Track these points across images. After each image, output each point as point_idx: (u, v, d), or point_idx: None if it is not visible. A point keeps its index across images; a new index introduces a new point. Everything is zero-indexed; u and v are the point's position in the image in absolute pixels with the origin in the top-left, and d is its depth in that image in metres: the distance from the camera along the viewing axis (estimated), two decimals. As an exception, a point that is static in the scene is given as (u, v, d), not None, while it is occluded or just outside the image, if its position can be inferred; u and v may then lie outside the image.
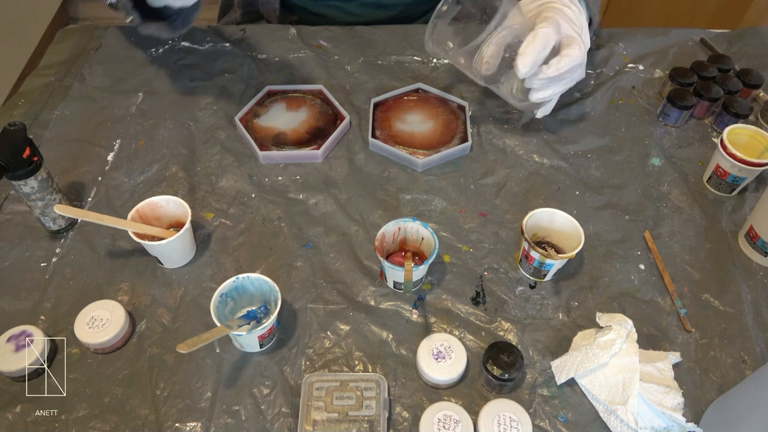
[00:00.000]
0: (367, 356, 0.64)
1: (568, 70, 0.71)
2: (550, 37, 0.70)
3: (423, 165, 0.81)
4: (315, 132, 0.84)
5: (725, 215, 0.77)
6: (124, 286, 0.69)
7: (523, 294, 0.70)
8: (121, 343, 0.64)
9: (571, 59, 0.71)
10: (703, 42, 1.01)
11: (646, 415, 0.58)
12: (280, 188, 0.80)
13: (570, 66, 0.71)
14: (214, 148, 0.84)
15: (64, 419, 0.59)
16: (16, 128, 0.65)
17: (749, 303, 0.69)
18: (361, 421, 0.57)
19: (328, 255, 0.73)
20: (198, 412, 0.60)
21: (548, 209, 0.70)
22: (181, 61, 0.96)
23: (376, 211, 0.77)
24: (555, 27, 0.71)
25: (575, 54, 0.71)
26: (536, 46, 0.69)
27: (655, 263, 0.72)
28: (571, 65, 0.71)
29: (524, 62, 0.69)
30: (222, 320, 0.61)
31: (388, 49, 0.98)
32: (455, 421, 0.57)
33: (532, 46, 0.69)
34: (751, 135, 0.78)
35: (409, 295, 0.69)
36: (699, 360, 0.65)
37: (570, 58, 0.71)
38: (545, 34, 0.69)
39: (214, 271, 0.71)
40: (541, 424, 0.60)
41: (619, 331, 0.61)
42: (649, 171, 0.82)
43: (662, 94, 0.92)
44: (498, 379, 0.59)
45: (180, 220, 0.71)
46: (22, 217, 0.76)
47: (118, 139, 0.85)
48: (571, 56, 0.71)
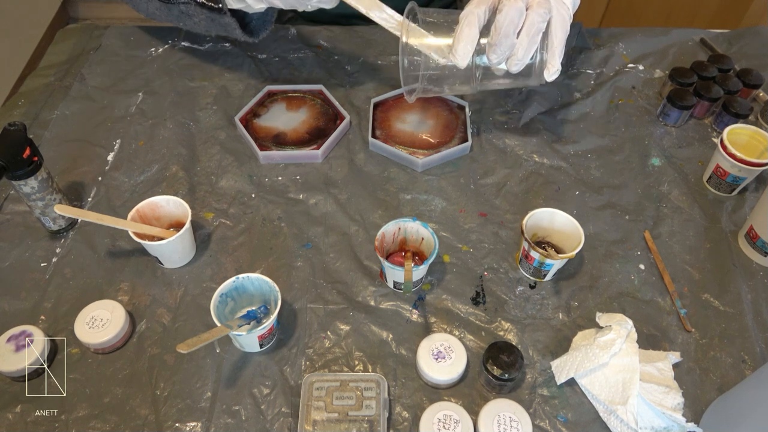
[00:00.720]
0: (367, 356, 0.64)
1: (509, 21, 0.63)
2: (474, 13, 0.64)
3: (423, 165, 0.81)
4: (315, 132, 0.84)
5: (725, 215, 0.77)
6: (124, 286, 0.69)
7: (523, 294, 0.70)
8: (121, 343, 0.64)
9: (504, 13, 0.63)
10: (703, 42, 1.01)
11: (646, 415, 0.58)
12: (280, 188, 0.80)
13: (508, 17, 0.63)
14: (214, 148, 0.84)
15: (64, 419, 0.59)
16: (16, 128, 0.65)
17: (749, 303, 0.69)
18: (361, 421, 0.57)
19: (328, 255, 0.73)
20: (198, 412, 0.60)
21: (548, 209, 0.70)
22: (181, 61, 0.96)
23: (376, 211, 0.77)
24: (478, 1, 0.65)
25: (507, 4, 0.63)
26: (462, 31, 0.64)
27: (655, 263, 0.72)
28: (508, 16, 0.63)
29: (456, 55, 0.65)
30: (222, 320, 0.61)
31: (388, 49, 0.98)
32: (455, 421, 0.57)
33: (458, 34, 0.65)
34: (751, 135, 0.78)
35: (409, 295, 0.69)
36: (699, 360, 0.65)
37: (502, 13, 0.63)
38: (467, 14, 0.65)
39: (214, 271, 0.71)
40: (541, 424, 0.60)
41: (619, 331, 0.61)
42: (649, 171, 0.82)
43: (662, 94, 0.92)
44: (498, 379, 0.59)
45: (180, 220, 0.71)
46: (22, 217, 0.76)
47: (118, 139, 0.85)
48: (503, 10, 0.63)
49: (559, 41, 0.68)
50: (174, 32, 1.00)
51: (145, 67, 0.95)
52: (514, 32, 0.65)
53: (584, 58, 0.98)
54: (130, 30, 1.01)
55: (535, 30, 0.65)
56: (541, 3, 0.65)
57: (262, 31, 0.83)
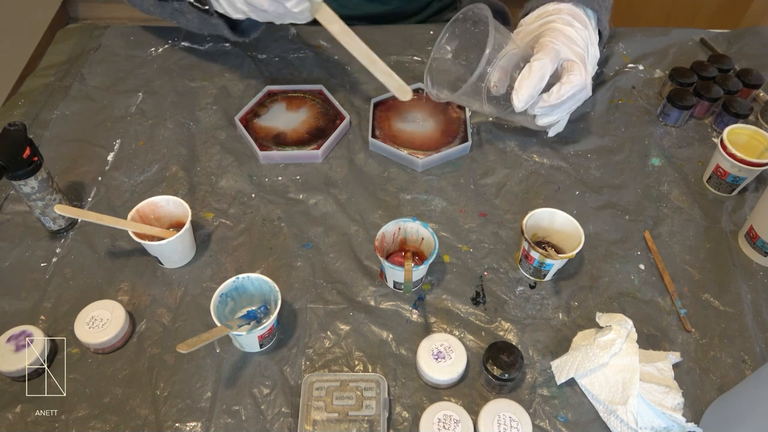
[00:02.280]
0: (367, 356, 0.64)
1: (570, 96, 0.71)
2: (546, 68, 0.69)
3: (423, 165, 0.81)
4: (315, 132, 0.84)
5: (725, 215, 0.77)
6: (124, 286, 0.69)
7: (523, 294, 0.70)
8: (121, 343, 0.64)
9: (572, 86, 0.70)
10: (703, 42, 1.01)
11: (646, 415, 0.58)
12: (280, 188, 0.80)
13: (571, 92, 0.71)
14: (214, 148, 0.84)
15: (64, 419, 0.59)
16: (16, 128, 0.65)
17: (749, 303, 0.69)
18: (361, 421, 0.57)
19: (328, 255, 0.73)
20: (198, 412, 0.60)
21: (548, 209, 0.70)
22: (181, 61, 0.96)
23: (376, 211, 0.77)
24: (552, 55, 0.70)
25: (576, 80, 0.70)
26: (531, 79, 0.69)
27: (655, 263, 0.72)
28: (572, 91, 0.70)
29: (519, 97, 0.69)
30: (222, 320, 0.61)
31: (388, 49, 0.98)
32: (455, 421, 0.57)
33: (527, 80, 0.69)
34: (751, 135, 0.78)
35: (409, 295, 0.69)
36: (699, 360, 0.65)
37: (570, 85, 0.70)
38: (541, 66, 0.69)
39: (214, 271, 0.71)
40: (541, 424, 0.60)
41: (619, 331, 0.61)
42: (649, 171, 0.82)
43: (662, 94, 0.92)
44: (498, 379, 0.59)
45: (180, 220, 0.71)
46: (22, 217, 0.76)
47: (118, 139, 0.85)
48: (572, 83, 0.70)
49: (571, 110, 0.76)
50: (174, 32, 1.00)
51: (145, 67, 0.95)
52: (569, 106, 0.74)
53: (584, 58, 0.98)
54: (130, 30, 1.01)
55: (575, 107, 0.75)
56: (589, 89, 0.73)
57: (253, 31, 0.83)
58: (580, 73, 0.71)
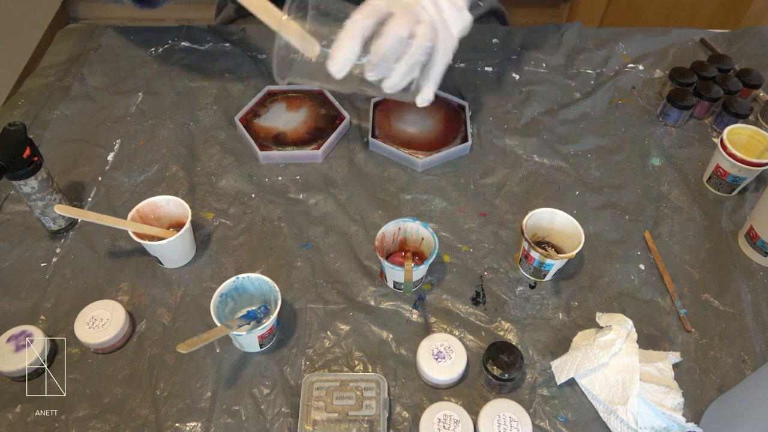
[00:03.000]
0: (367, 356, 0.64)
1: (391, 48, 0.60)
2: (357, 24, 0.60)
3: (423, 165, 0.81)
4: (315, 132, 0.84)
5: (725, 215, 0.77)
6: (124, 286, 0.69)
7: (523, 294, 0.70)
8: (121, 343, 0.64)
9: (387, 38, 0.59)
10: (703, 42, 1.01)
11: (646, 415, 0.58)
12: (280, 188, 0.80)
13: (389, 44, 0.59)
14: (214, 148, 0.84)
15: (64, 419, 0.59)
16: (16, 128, 0.65)
17: (749, 303, 0.69)
18: (361, 421, 0.57)
19: (328, 255, 0.73)
20: (198, 412, 0.60)
21: (548, 209, 0.70)
22: (181, 61, 0.96)
23: (376, 211, 0.77)
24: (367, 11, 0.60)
25: (392, 30, 0.59)
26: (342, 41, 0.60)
27: (655, 263, 0.72)
28: (389, 43, 0.59)
29: (334, 62, 0.60)
30: (222, 320, 0.61)
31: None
32: (455, 421, 0.57)
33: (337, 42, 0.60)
34: (751, 135, 0.78)
35: (409, 295, 0.69)
36: (699, 360, 0.65)
37: (385, 38, 0.59)
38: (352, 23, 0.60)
39: (214, 271, 0.71)
40: (541, 424, 0.60)
41: (619, 331, 0.61)
42: (649, 171, 0.82)
43: (662, 94, 0.92)
44: (498, 379, 0.59)
45: (180, 220, 0.71)
46: (22, 217, 0.76)
47: (118, 139, 0.85)
48: (387, 34, 0.59)
49: (437, 73, 0.65)
50: (174, 32, 1.00)
51: (145, 67, 0.95)
52: (393, 58, 0.61)
53: (584, 58, 0.98)
54: (130, 30, 1.01)
55: (414, 61, 0.62)
56: (426, 35, 0.61)
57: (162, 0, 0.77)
58: (399, 24, 0.60)
